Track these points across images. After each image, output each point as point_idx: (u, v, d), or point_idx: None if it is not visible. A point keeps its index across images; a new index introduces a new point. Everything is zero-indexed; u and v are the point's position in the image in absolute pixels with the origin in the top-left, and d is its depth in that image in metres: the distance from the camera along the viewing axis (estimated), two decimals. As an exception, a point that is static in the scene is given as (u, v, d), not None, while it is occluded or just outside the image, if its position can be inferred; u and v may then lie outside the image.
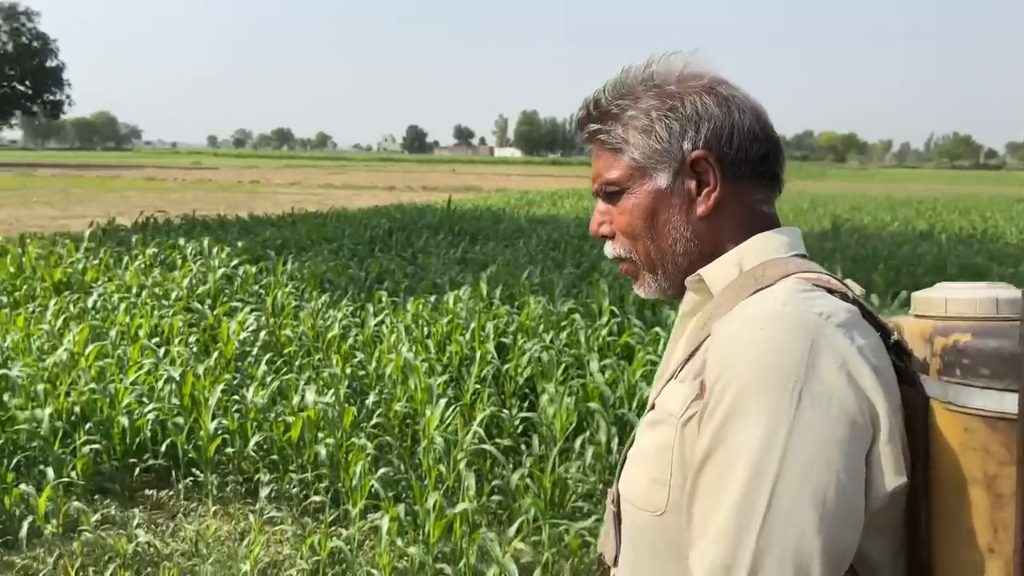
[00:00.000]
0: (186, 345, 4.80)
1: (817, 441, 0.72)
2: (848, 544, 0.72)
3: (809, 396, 0.73)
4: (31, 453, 3.66)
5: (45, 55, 57.20)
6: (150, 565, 3.06)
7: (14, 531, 3.19)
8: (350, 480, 3.50)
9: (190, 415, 3.91)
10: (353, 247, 9.32)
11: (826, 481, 0.71)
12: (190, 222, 11.42)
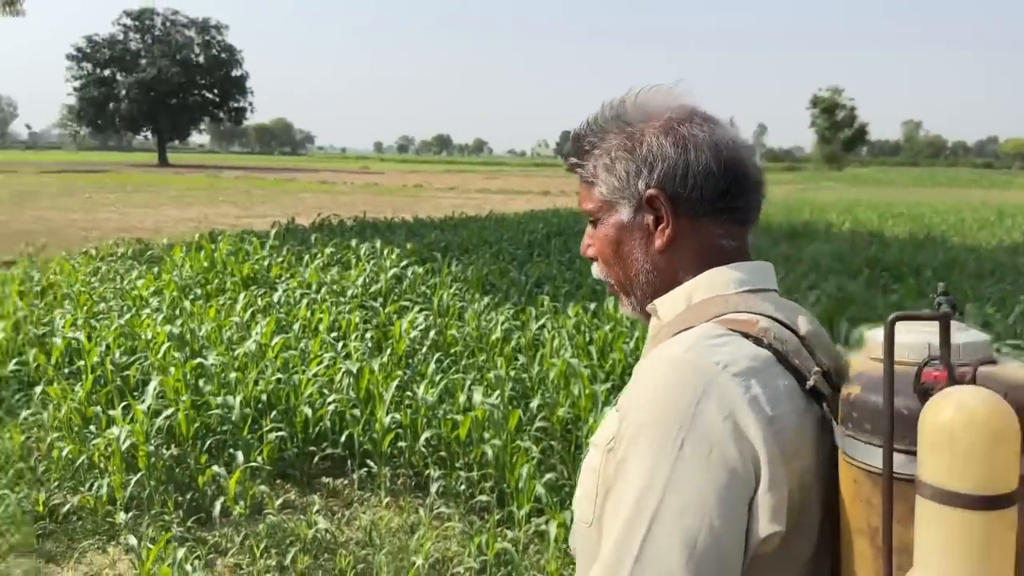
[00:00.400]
0: (361, 340, 5.01)
1: (694, 486, 0.76)
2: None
3: (691, 443, 0.77)
4: (222, 437, 3.93)
5: (231, 65, 62.12)
6: (327, 551, 3.20)
7: (207, 509, 3.43)
8: (515, 482, 3.52)
9: (366, 408, 4.07)
10: (512, 251, 9.45)
11: (699, 525, 0.75)
12: (361, 224, 12.00)
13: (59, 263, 7.70)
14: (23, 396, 4.53)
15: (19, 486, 3.55)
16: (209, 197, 24.89)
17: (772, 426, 0.77)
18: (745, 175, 0.94)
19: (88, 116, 60.94)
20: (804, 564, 0.81)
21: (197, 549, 3.10)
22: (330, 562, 3.12)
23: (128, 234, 12.97)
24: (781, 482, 0.77)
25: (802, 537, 0.81)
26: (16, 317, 5.32)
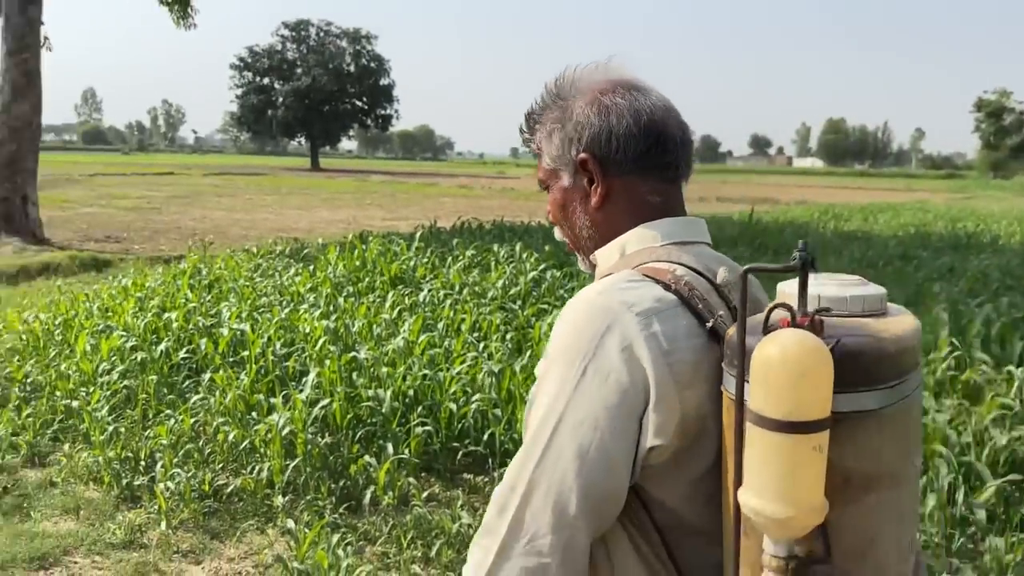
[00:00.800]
0: (502, 342, 5.09)
1: (590, 406, 0.91)
2: (606, 488, 0.90)
3: (592, 370, 0.91)
4: (373, 428, 4.09)
5: (380, 74, 64.75)
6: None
7: (357, 498, 3.58)
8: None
9: (507, 408, 4.13)
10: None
11: (591, 437, 0.90)
12: (499, 227, 12.20)
13: (224, 259, 8.28)
14: (192, 382, 4.90)
15: (188, 465, 3.83)
16: (357, 200, 26.04)
17: (667, 358, 0.91)
18: (665, 135, 1.05)
19: (248, 122, 65.23)
20: (698, 478, 0.94)
21: (348, 535, 3.24)
22: (472, 557, 3.18)
23: (284, 234, 13.77)
24: (671, 405, 0.90)
25: (697, 456, 0.93)
26: (187, 308, 5.75)
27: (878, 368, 0.82)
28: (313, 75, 60.81)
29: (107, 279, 8.41)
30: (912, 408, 0.88)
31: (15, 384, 4.85)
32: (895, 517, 0.87)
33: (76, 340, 5.24)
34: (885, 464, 0.85)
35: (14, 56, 11.86)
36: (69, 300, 6.67)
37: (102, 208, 19.41)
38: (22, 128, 12.13)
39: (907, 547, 0.91)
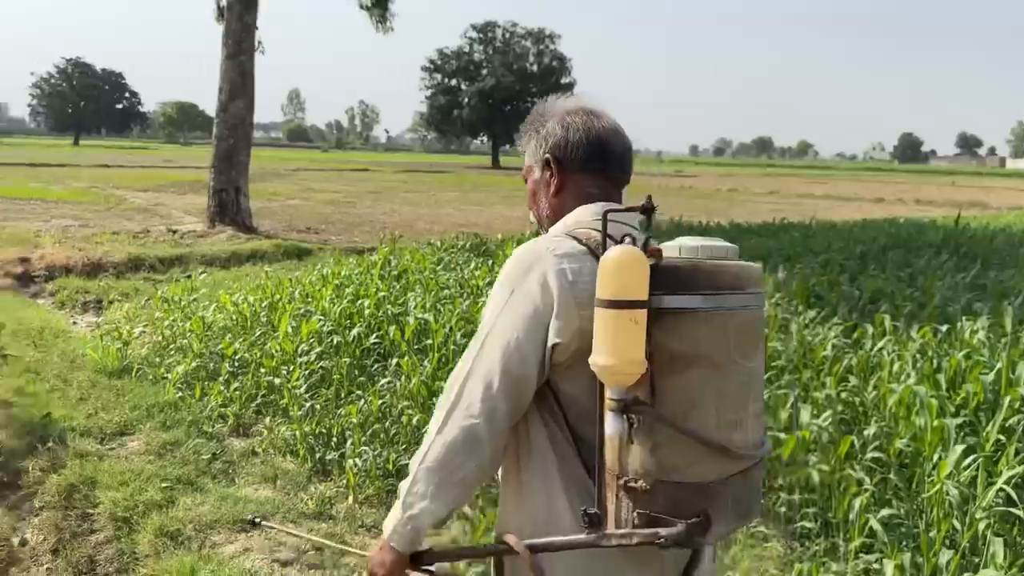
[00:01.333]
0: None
1: (513, 317, 1.33)
2: (519, 373, 1.31)
3: (517, 293, 1.34)
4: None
5: (561, 73, 65.37)
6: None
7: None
8: (843, 513, 3.25)
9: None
10: (842, 261, 8.77)
11: (512, 336, 1.32)
12: (676, 226, 11.96)
13: (411, 252, 8.68)
14: (380, 365, 5.17)
15: (374, 444, 4.05)
16: (533, 197, 26.47)
17: (572, 287, 1.30)
18: (606, 147, 1.48)
19: (435, 122, 68.00)
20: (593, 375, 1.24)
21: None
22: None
23: (466, 229, 14.25)
24: (570, 318, 1.29)
25: None
26: (378, 296, 6.08)
27: (693, 280, 1.21)
28: (497, 75, 62.38)
29: (307, 267, 9.08)
30: (733, 317, 1.23)
31: (226, 360, 5.33)
32: (714, 392, 1.22)
33: (279, 322, 5.69)
34: (702, 349, 1.21)
35: (232, 59, 13.04)
36: (274, 285, 7.25)
37: (304, 201, 20.97)
38: (237, 125, 13.33)
39: (732, 422, 1.23)
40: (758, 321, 1.30)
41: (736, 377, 1.24)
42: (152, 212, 16.43)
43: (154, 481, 3.62)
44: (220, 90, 13.16)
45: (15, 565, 3.24)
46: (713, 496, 1.22)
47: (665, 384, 1.20)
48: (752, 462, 1.29)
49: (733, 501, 1.25)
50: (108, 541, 3.34)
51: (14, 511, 3.69)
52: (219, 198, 13.29)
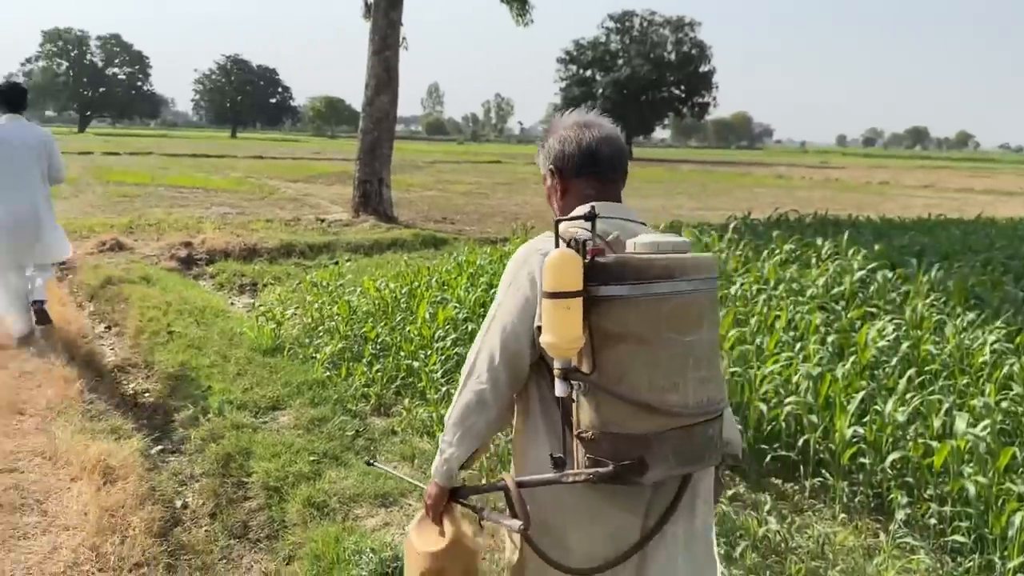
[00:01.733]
0: (821, 344, 4.78)
1: (510, 304, 1.71)
2: (515, 349, 1.69)
3: (513, 285, 1.72)
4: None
5: (700, 61, 63.76)
6: (774, 553, 3.13)
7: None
8: (1001, 529, 3.04)
9: (824, 415, 3.88)
10: (1006, 261, 8.12)
11: (506, 322, 1.69)
12: (820, 221, 11.43)
13: (543, 242, 8.74)
14: (513, 355, 5.25)
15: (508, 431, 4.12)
16: (667, 190, 26.03)
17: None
18: (596, 154, 1.78)
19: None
20: None
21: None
22: (778, 565, 3.05)
23: (597, 220, 14.20)
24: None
25: None
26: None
27: (621, 273, 1.50)
28: (633, 65, 61.62)
29: (443, 256, 9.34)
30: (664, 301, 1.51)
31: (369, 342, 5.58)
32: (645, 362, 1.50)
33: (418, 308, 5.89)
34: (631, 328, 1.50)
35: (378, 55, 13.55)
36: (413, 272, 7.50)
37: (440, 192, 21.55)
38: (381, 119, 13.85)
39: (666, 387, 1.50)
40: (696, 303, 1.55)
41: (669, 349, 1.52)
42: (302, 202, 17.35)
43: (303, 454, 3.84)
44: (366, 85, 13.70)
45: (178, 526, 3.54)
46: (649, 446, 1.51)
47: (601, 356, 1.52)
48: (693, 420, 1.54)
49: (673, 451, 1.53)
50: (260, 508, 3.58)
51: (177, 476, 4.02)
52: (363, 189, 13.87)
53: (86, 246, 9.97)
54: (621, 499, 1.64)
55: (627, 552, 1.66)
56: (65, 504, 3.45)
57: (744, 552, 3.05)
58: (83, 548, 3.11)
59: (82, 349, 5.71)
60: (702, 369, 1.55)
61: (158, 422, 4.74)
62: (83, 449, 3.86)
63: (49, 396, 4.62)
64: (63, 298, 7.39)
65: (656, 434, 1.51)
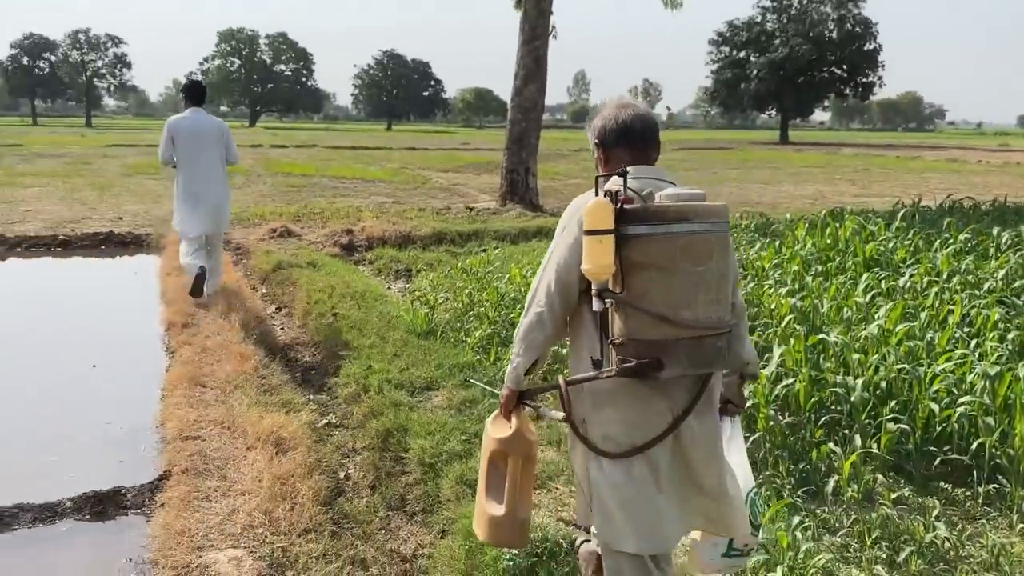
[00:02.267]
0: (1001, 341, 4.42)
1: (563, 245, 2.16)
2: (566, 280, 2.14)
3: (567, 230, 2.17)
4: (838, 416, 3.90)
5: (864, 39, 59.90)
6: (943, 562, 2.94)
7: (818, 484, 3.47)
8: None
9: (1003, 418, 3.59)
10: None
11: (560, 259, 2.16)
12: (999, 208, 10.52)
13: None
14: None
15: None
16: (826, 175, 24.74)
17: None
18: (630, 130, 2.21)
19: (720, 97, 65.92)
20: None
21: (807, 520, 3.16)
22: (947, 574, 2.87)
23: (747, 208, 13.72)
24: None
25: None
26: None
27: (645, 216, 1.95)
28: (791, 45, 58.81)
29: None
30: (678, 238, 1.94)
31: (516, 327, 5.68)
32: (663, 285, 1.94)
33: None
34: (652, 259, 1.94)
35: (528, 45, 13.68)
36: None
37: (585, 180, 21.48)
38: (530, 109, 13.99)
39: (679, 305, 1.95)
40: (706, 241, 2.00)
41: (683, 276, 1.96)
42: (452, 191, 17.85)
43: (455, 434, 3.99)
44: (515, 75, 13.87)
45: (341, 495, 3.77)
46: (665, 349, 1.97)
47: (629, 280, 1.98)
48: (702, 332, 1.99)
49: (686, 356, 1.99)
50: (416, 483, 3.76)
51: (340, 448, 4.28)
52: (510, 178, 14.09)
53: (258, 232, 10.73)
54: (649, 397, 2.10)
55: (658, 436, 2.10)
56: (242, 471, 3.76)
57: (909, 558, 2.89)
58: (257, 512, 3.38)
59: (256, 328, 6.17)
60: (711, 293, 2.00)
61: (323, 398, 5.06)
62: (258, 420, 4.18)
63: (227, 371, 5.03)
64: (239, 280, 8.00)
65: (671, 341, 1.97)
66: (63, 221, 11.69)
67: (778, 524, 3.00)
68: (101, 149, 30.02)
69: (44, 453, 4.23)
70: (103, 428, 4.54)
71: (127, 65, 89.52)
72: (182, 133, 6.67)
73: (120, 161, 23.69)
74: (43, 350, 6.14)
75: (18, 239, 10.25)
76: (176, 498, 3.46)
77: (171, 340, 6.00)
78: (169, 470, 3.79)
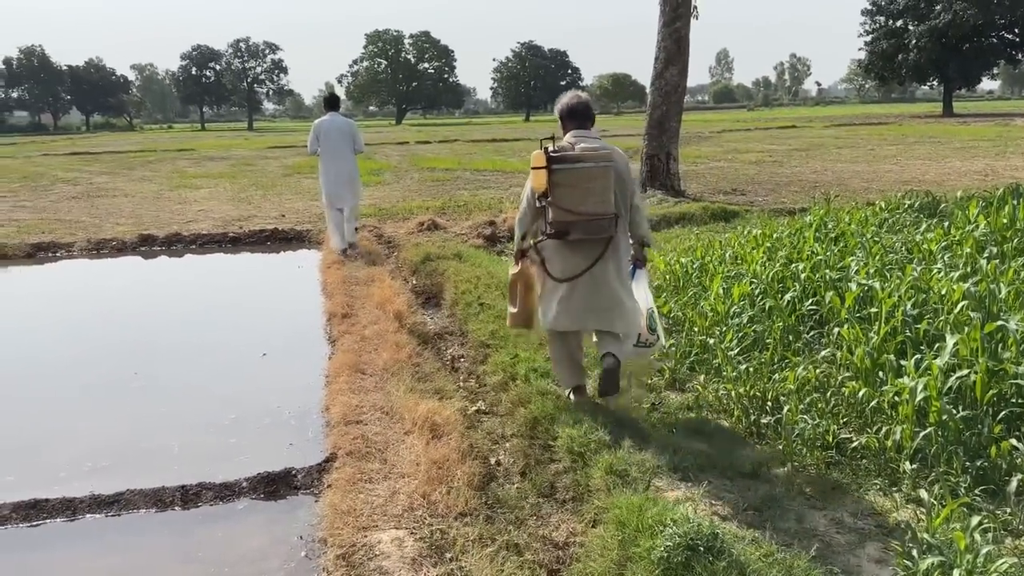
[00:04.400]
0: None
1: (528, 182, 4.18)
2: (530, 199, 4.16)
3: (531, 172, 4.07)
4: (1019, 410, 3.60)
5: (1042, -2, 54.40)
6: None
7: (998, 483, 3.22)
8: None
9: None
10: None
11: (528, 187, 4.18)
12: None
13: (849, 212, 8.13)
14: (816, 333, 4.99)
15: (811, 414, 3.94)
16: (997, 148, 22.74)
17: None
18: (573, 110, 4.15)
19: (875, 69, 61.90)
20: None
21: (986, 521, 2.95)
22: None
23: (910, 186, 12.84)
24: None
25: None
26: (813, 260, 5.84)
27: (561, 159, 3.92)
28: (954, 10, 54.29)
29: (735, 229, 9.06)
30: (577, 171, 3.92)
31: (661, 317, 5.60)
32: (569, 193, 3.91)
33: (710, 283, 5.80)
34: (563, 181, 3.91)
35: (668, 27, 13.37)
36: (704, 246, 7.39)
37: (728, 163, 20.85)
38: (670, 92, 13.69)
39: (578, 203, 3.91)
40: (595, 172, 3.90)
41: (580, 189, 3.88)
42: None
43: (602, 423, 3.99)
44: (655, 59, 13.62)
45: (493, 481, 3.86)
46: (571, 224, 3.91)
47: (553, 192, 3.90)
48: (592, 217, 3.91)
49: (582, 229, 3.94)
50: (566, 471, 3.79)
51: (491, 435, 4.38)
52: (651, 163, 13.87)
53: (408, 226, 11.14)
54: (571, 254, 4.06)
55: (577, 274, 4.06)
56: (401, 454, 3.94)
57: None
58: (416, 495, 3.53)
59: (409, 318, 6.42)
60: (597, 197, 3.89)
61: (472, 385, 5.20)
62: (413, 406, 4.36)
63: (385, 359, 5.27)
64: (391, 272, 8.34)
65: (573, 222, 3.90)
66: (232, 219, 12.60)
67: (953, 524, 2.81)
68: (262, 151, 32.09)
69: (222, 435, 4.59)
70: (274, 412, 4.88)
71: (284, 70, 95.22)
72: (323, 131, 9.09)
73: (280, 162, 25.23)
74: (218, 339, 6.66)
75: (193, 236, 11.16)
76: (342, 480, 3.67)
77: (332, 329, 6.35)
78: (335, 453, 4.03)
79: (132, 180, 20.27)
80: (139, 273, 9.87)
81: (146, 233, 11.31)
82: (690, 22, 13.51)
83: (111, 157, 30.46)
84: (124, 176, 21.60)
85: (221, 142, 42.39)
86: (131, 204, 15.10)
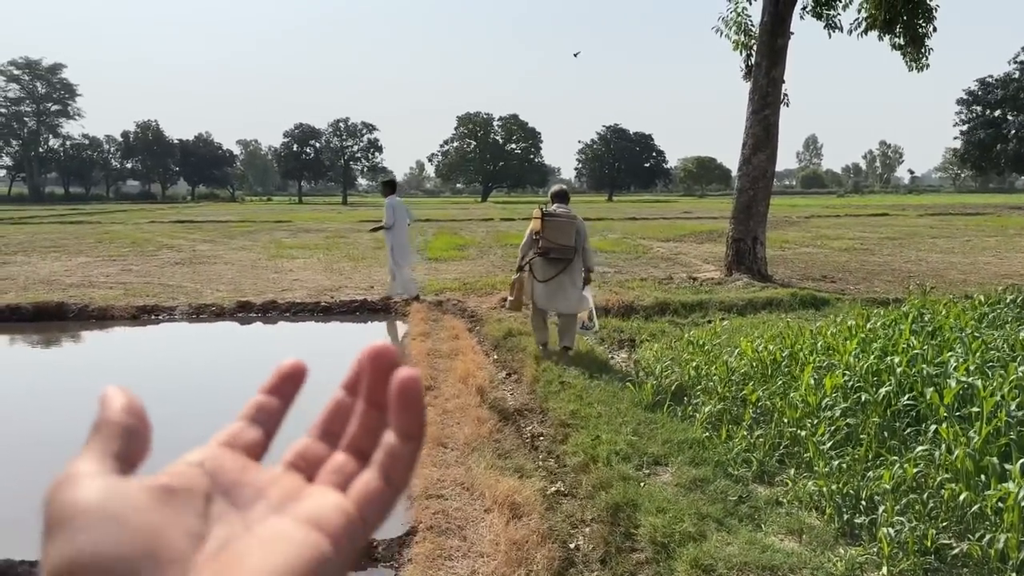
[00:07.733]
0: None
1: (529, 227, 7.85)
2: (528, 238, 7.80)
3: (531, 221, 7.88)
4: None
5: None
6: None
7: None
8: None
9: None
10: None
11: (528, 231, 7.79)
12: None
13: (946, 304, 7.85)
14: (913, 430, 4.79)
15: (908, 515, 3.76)
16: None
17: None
18: (556, 193, 7.94)
19: (972, 158, 60.36)
20: None
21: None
22: None
23: (1012, 280, 12.32)
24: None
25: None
26: (910, 354, 5.64)
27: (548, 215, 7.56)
28: (1057, 99, 52.81)
29: (826, 317, 8.84)
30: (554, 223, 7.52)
31: (749, 405, 5.49)
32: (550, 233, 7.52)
33: (801, 373, 5.66)
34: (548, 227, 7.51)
35: (757, 114, 13.45)
36: (793, 334, 7.23)
37: (817, 249, 20.45)
38: (758, 178, 13.66)
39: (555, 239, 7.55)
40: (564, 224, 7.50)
41: (556, 231, 7.48)
42: (674, 260, 17.73)
43: (688, 514, 3.90)
44: (744, 144, 13.67)
45: (572, 567, 3.80)
46: (551, 249, 7.49)
47: (543, 231, 7.50)
48: (560, 249, 7.51)
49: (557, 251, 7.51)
50: (648, 562, 3.71)
51: (570, 518, 4.33)
52: (736, 247, 13.76)
53: (490, 301, 11.30)
54: (548, 266, 7.56)
55: (551, 277, 7.54)
56: (480, 532, 3.93)
57: None
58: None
59: (491, 393, 6.47)
60: (564, 238, 7.47)
61: (552, 465, 5.17)
62: (494, 483, 4.36)
63: (466, 433, 5.31)
64: (474, 347, 8.45)
65: (551, 248, 7.48)
66: (324, 289, 13.05)
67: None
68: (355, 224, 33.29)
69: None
70: (356, 481, 4.95)
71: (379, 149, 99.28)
72: (393, 208, 11.83)
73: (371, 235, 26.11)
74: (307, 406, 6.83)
75: (288, 304, 11.59)
76: (422, 555, 3.69)
77: (414, 402, 6.44)
78: (415, 526, 4.05)
79: (232, 249, 21.29)
80: (235, 338, 10.29)
81: (244, 300, 11.82)
82: (779, 109, 13.56)
83: (213, 226, 32.15)
84: (224, 244, 22.72)
85: (316, 215, 44.22)
86: (231, 271, 15.84)
